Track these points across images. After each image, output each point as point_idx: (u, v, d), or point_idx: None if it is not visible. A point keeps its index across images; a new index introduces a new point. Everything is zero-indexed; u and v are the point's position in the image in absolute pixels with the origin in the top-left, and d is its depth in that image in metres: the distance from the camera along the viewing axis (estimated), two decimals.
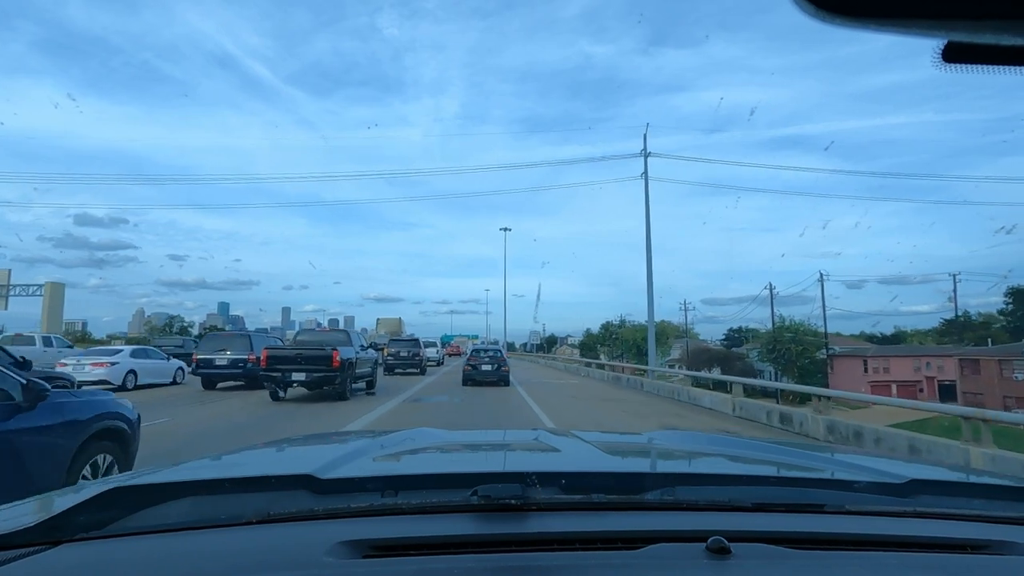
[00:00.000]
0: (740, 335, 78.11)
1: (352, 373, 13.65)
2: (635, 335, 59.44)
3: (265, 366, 12.98)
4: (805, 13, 0.46)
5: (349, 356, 13.46)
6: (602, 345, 70.01)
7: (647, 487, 1.07)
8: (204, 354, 16.38)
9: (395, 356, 24.19)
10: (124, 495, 0.99)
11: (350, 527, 0.91)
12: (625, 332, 65.27)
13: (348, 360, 13.33)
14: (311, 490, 1.02)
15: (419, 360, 24.35)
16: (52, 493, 1.18)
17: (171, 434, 8.34)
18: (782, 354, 43.94)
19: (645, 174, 24.75)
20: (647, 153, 25.02)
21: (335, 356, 12.86)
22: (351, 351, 13.84)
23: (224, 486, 1.09)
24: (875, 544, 0.91)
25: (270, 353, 13.14)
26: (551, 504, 0.97)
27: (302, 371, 12.84)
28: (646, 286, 25.11)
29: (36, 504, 1.09)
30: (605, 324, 72.39)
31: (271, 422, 10.05)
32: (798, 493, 1.12)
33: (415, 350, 24.48)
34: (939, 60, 0.48)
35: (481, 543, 0.88)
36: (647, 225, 24.51)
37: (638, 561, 0.82)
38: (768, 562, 0.83)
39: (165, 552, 0.85)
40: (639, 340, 56.42)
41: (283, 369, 12.87)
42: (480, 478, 1.02)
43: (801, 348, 43.95)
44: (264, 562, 0.81)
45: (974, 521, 1.01)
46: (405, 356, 24.19)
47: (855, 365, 54.01)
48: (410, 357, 24.17)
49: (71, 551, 0.86)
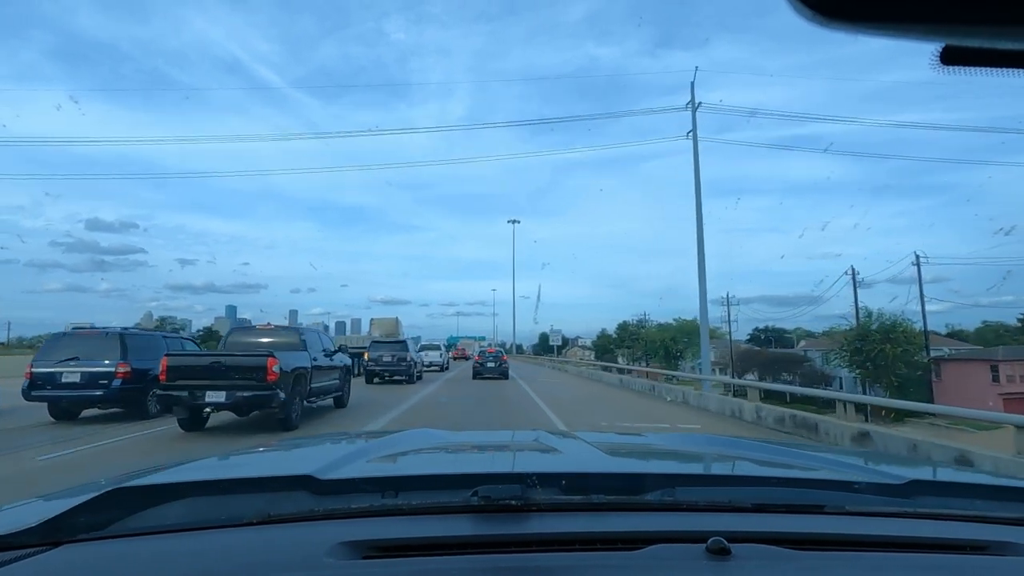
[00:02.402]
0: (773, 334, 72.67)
1: (304, 389, 9.89)
2: (662, 336, 53.16)
3: (165, 381, 8.61)
4: (803, 17, 0.46)
5: (297, 365, 9.65)
6: (620, 347, 65.00)
7: (647, 488, 1.06)
8: (44, 366, 10.03)
9: (376, 362, 20.28)
10: (124, 496, 0.99)
11: (350, 528, 0.90)
12: (650, 332, 58.78)
13: (296, 371, 9.52)
14: (311, 491, 1.01)
15: (407, 366, 20.31)
16: (52, 493, 1.16)
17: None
18: (870, 357, 32.71)
19: (694, 131, 20.08)
20: (695, 105, 20.34)
21: (270, 366, 8.47)
22: (301, 358, 9.74)
23: (224, 487, 1.09)
24: (875, 545, 0.91)
25: (172, 362, 8.84)
26: (551, 505, 0.97)
27: (221, 389, 8.44)
28: (697, 268, 19.33)
29: (37, 505, 1.08)
30: (622, 324, 67.44)
31: None
32: (798, 494, 1.11)
33: (401, 354, 20.35)
34: (937, 63, 0.49)
35: (481, 544, 0.88)
36: (697, 192, 19.55)
37: (638, 562, 0.82)
38: (768, 563, 0.83)
39: (165, 552, 0.85)
40: (667, 341, 50.74)
41: (192, 386, 8.58)
42: (480, 479, 1.02)
43: (900, 350, 32.54)
44: (264, 562, 0.82)
45: (974, 522, 1.01)
46: (389, 361, 20.24)
47: (974, 372, 40.29)
48: (394, 362, 20.21)
49: (72, 552, 0.86)
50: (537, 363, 50.52)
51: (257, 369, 8.61)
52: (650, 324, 60.56)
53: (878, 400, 14.84)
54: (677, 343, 50.43)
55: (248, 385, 8.52)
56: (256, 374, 8.56)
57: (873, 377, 33.46)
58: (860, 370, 34.20)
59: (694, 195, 19.54)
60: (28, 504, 1.09)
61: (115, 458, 7.07)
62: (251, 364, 8.68)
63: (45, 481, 5.68)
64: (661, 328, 55.47)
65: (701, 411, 13.95)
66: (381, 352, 20.39)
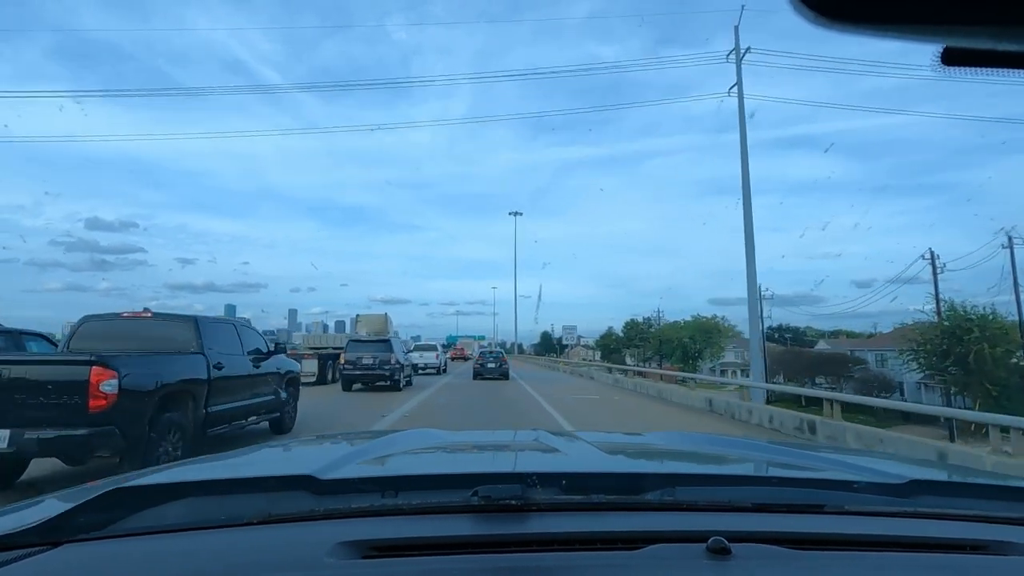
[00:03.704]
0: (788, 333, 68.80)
1: (197, 413, 6.32)
2: (679, 333, 48.29)
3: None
4: (805, 19, 0.46)
5: (173, 380, 5.96)
6: (628, 347, 61.11)
7: (647, 487, 1.06)
8: None
9: (354, 364, 17.08)
10: (124, 496, 0.98)
11: (350, 527, 0.90)
12: (664, 330, 53.78)
13: (169, 389, 5.82)
14: (311, 491, 1.01)
15: (390, 369, 17.09)
16: (53, 494, 1.15)
17: None
18: (960, 359, 26.13)
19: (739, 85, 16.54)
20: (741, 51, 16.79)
21: (95, 383, 4.69)
22: (186, 366, 6.17)
23: (224, 487, 1.09)
24: (875, 544, 0.91)
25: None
26: (551, 504, 0.97)
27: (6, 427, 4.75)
28: (744, 247, 15.34)
29: (37, 505, 1.07)
30: (629, 322, 63.52)
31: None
32: (798, 493, 1.11)
33: (384, 354, 17.08)
34: (938, 64, 0.49)
35: (481, 543, 0.87)
36: (743, 158, 16.07)
37: (638, 561, 0.82)
38: (768, 562, 0.82)
39: (165, 552, 0.85)
40: (684, 340, 46.45)
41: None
42: (480, 478, 1.01)
43: (1002, 350, 25.78)
44: (264, 562, 0.82)
45: (974, 521, 1.01)
46: (369, 364, 16.92)
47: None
48: (376, 365, 16.95)
49: (72, 551, 0.85)
50: (540, 365, 46.83)
51: (71, 389, 4.80)
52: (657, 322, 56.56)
53: None
54: (696, 342, 46.37)
55: (54, 418, 4.75)
56: (70, 398, 4.79)
57: (962, 385, 26.65)
58: (943, 376, 27.51)
59: (740, 163, 15.77)
60: (27, 504, 1.08)
61: None
62: (59, 379, 4.84)
63: None
64: (681, 326, 50.34)
65: (759, 428, 11.04)
66: (360, 353, 17.10)
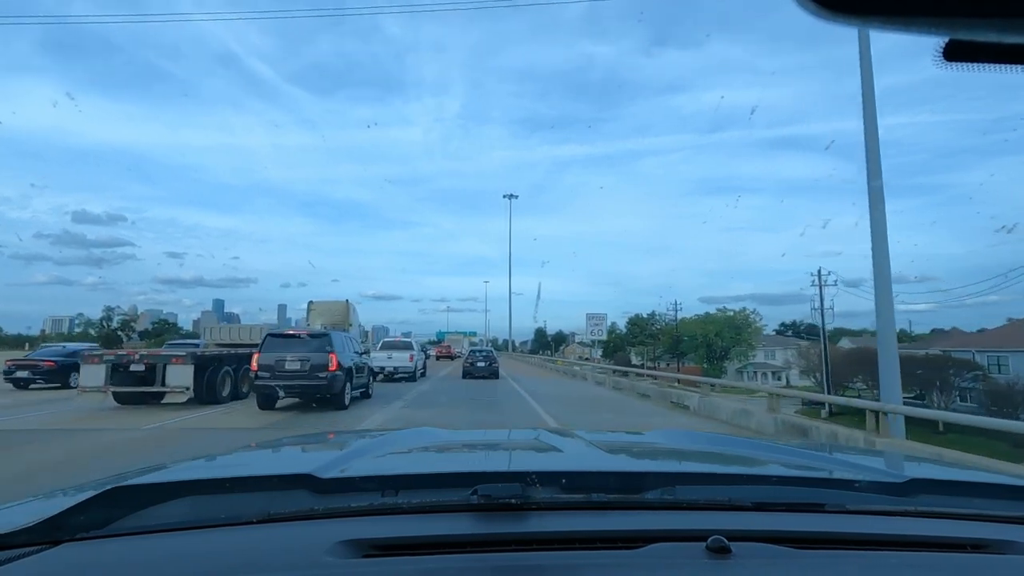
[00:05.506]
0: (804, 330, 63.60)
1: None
2: (704, 329, 42.56)
3: None
4: (808, 12, 0.46)
5: None
6: (633, 345, 56.34)
7: (647, 486, 1.06)
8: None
9: (271, 371, 11.38)
10: (124, 495, 0.98)
11: (350, 527, 0.90)
12: (686, 325, 46.82)
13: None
14: (311, 490, 1.01)
15: (329, 378, 11.33)
16: (52, 492, 1.15)
17: None
18: None
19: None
20: None
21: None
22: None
23: (224, 486, 1.09)
24: (875, 543, 0.91)
25: None
26: (551, 503, 0.97)
27: None
28: (869, 214, 10.50)
29: (36, 504, 1.07)
30: (633, 319, 58.67)
31: None
32: (798, 492, 1.11)
33: (316, 357, 11.41)
34: (940, 58, 0.49)
35: (481, 543, 0.88)
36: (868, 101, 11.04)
37: (638, 560, 0.82)
38: (768, 561, 0.82)
39: (165, 552, 0.85)
40: (710, 336, 40.80)
41: None
42: (480, 477, 1.01)
43: None
44: (264, 562, 0.82)
45: (974, 520, 1.01)
46: (295, 371, 11.36)
47: None
48: (305, 373, 11.34)
49: (71, 551, 0.85)
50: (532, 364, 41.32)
51: None
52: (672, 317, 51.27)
53: None
54: (722, 338, 40.85)
55: None
56: None
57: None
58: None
59: (862, 109, 10.77)
60: (27, 503, 1.08)
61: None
62: None
63: None
64: (703, 320, 44.63)
65: None
66: (281, 354, 11.44)
